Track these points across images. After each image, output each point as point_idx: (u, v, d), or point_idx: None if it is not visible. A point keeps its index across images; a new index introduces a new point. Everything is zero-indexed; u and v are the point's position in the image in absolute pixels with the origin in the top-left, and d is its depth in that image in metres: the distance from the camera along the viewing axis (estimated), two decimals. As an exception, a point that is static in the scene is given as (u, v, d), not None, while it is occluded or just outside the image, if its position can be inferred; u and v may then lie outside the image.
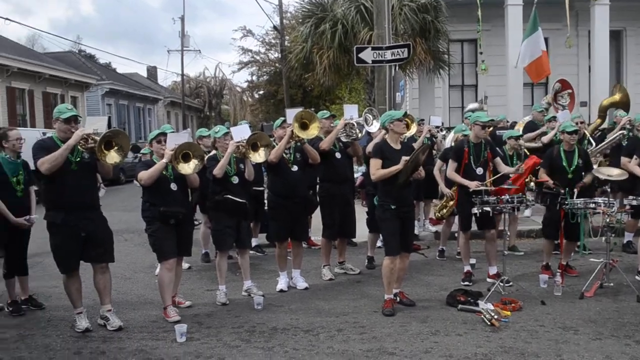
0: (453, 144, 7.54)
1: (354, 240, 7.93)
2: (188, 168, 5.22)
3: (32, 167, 5.92)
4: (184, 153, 5.20)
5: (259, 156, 5.74)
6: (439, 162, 7.43)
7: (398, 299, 5.53)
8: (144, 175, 5.16)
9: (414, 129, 7.21)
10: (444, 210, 7.37)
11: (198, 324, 5.17)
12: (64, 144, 4.73)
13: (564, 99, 11.27)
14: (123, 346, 4.67)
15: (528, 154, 8.05)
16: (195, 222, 7.00)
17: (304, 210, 6.40)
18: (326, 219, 6.61)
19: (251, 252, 7.21)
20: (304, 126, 6.01)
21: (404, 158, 5.17)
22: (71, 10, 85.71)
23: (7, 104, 23.08)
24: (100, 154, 4.73)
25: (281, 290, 6.16)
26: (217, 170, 5.58)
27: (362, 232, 7.26)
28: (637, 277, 6.05)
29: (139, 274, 7.24)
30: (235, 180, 5.75)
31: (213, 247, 7.87)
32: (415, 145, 7.60)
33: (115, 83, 32.02)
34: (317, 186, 6.85)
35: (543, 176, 6.28)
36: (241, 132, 5.79)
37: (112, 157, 4.83)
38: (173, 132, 5.92)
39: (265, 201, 6.92)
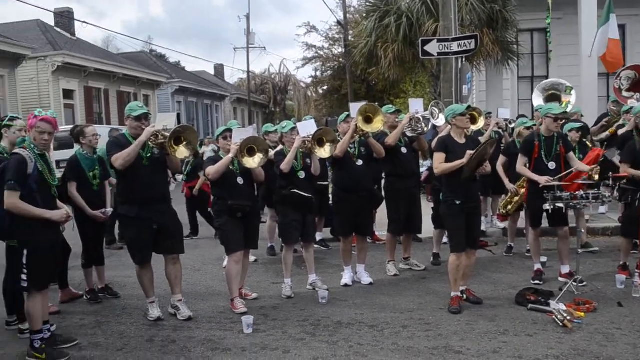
0: (516, 137, 7.31)
1: (419, 236, 7.84)
2: (253, 162, 5.31)
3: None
4: (249, 147, 5.29)
5: (324, 152, 5.76)
6: (501, 157, 7.22)
7: (465, 296, 5.42)
8: (211, 170, 5.29)
9: (481, 122, 7.02)
10: (509, 207, 7.14)
11: (264, 316, 5.25)
12: (135, 140, 4.93)
13: None
14: (192, 335, 4.82)
15: (590, 146, 7.67)
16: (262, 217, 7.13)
17: (369, 205, 6.36)
18: (391, 214, 6.56)
19: (315, 246, 7.26)
20: (368, 120, 5.97)
21: (469, 152, 5.04)
22: (142, 12, 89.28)
23: (85, 103, 24.32)
24: (170, 149, 4.89)
25: (346, 285, 6.17)
26: (284, 165, 5.65)
27: (427, 227, 7.15)
28: None
29: (207, 266, 7.45)
30: (302, 175, 5.80)
31: (279, 241, 7.99)
32: (482, 139, 7.41)
33: (184, 81, 33.04)
34: (383, 181, 6.80)
35: (629, 170, 5.92)
36: (307, 127, 5.84)
37: (182, 152, 4.99)
38: (239, 127, 6.03)
39: (330, 196, 6.93)
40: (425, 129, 6.56)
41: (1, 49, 19.75)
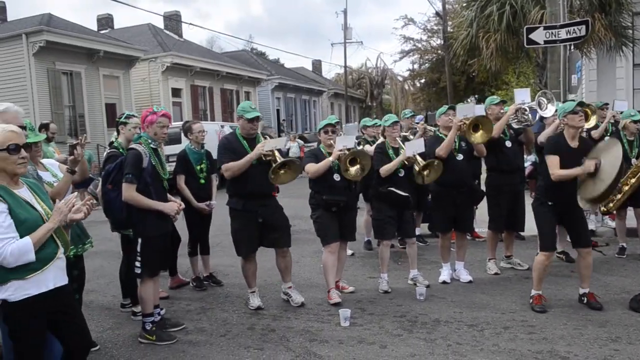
0: (621, 130, 6.78)
1: (522, 233, 7.52)
2: (352, 172, 5.32)
3: (214, 157, 6.52)
4: (351, 158, 5.32)
5: (427, 178, 5.64)
6: None
7: (585, 299, 5.11)
8: (311, 169, 5.38)
9: (593, 120, 6.57)
10: (611, 204, 6.65)
11: (361, 310, 5.27)
12: (245, 139, 5.16)
13: None
14: (291, 325, 4.93)
15: None
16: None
17: (469, 201, 6.18)
18: (492, 210, 6.32)
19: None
20: (476, 128, 5.80)
21: (588, 163, 4.67)
22: (243, 12, 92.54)
23: (191, 100, 25.64)
24: (274, 175, 5.02)
25: (444, 282, 6.04)
26: (384, 171, 5.63)
27: (531, 225, 6.81)
28: None
29: (305, 259, 7.59)
30: (401, 173, 5.73)
31: (375, 236, 7.95)
32: (597, 132, 6.96)
33: (283, 78, 33.85)
34: (483, 175, 6.57)
35: None
36: (415, 146, 5.67)
37: (283, 178, 5.07)
38: (351, 124, 6.03)
39: (428, 191, 6.81)
40: (532, 121, 6.24)
41: (117, 52, 21.31)
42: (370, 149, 7.23)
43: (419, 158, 5.61)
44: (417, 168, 5.61)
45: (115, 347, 4.61)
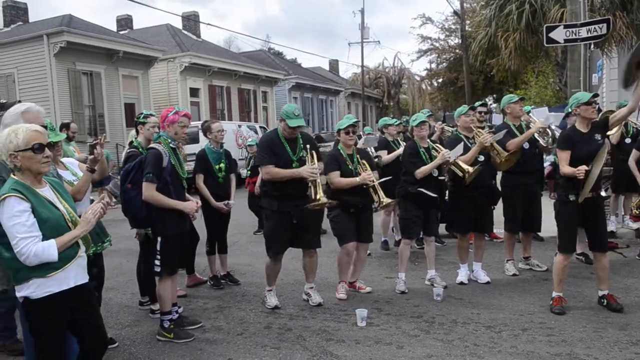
0: None
1: (540, 234, 7.44)
2: (384, 202, 5.41)
3: (233, 156, 6.56)
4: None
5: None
6: (635, 152, 6.63)
7: (605, 301, 5.05)
8: (335, 181, 5.38)
9: (615, 128, 6.49)
10: None
11: (378, 310, 5.26)
12: (287, 141, 5.13)
13: None
14: (307, 325, 4.94)
15: None
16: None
17: (488, 201, 6.14)
18: (508, 210, 6.28)
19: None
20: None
21: (582, 168, 4.68)
22: (260, 12, 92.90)
23: (209, 100, 25.79)
24: (313, 200, 5.08)
25: (461, 283, 6.01)
26: (420, 174, 5.63)
27: (549, 226, 6.75)
28: None
29: (322, 258, 7.50)
30: (435, 172, 5.73)
31: (392, 235, 7.96)
32: (613, 137, 6.89)
33: (300, 77, 33.88)
34: (501, 176, 6.52)
35: None
36: (456, 153, 5.73)
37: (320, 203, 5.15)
38: (355, 120, 5.98)
39: (447, 191, 6.79)
40: (550, 146, 6.20)
41: (136, 52, 21.52)
42: (387, 158, 7.25)
43: (461, 163, 5.66)
44: (461, 173, 5.68)
45: (133, 345, 4.66)
